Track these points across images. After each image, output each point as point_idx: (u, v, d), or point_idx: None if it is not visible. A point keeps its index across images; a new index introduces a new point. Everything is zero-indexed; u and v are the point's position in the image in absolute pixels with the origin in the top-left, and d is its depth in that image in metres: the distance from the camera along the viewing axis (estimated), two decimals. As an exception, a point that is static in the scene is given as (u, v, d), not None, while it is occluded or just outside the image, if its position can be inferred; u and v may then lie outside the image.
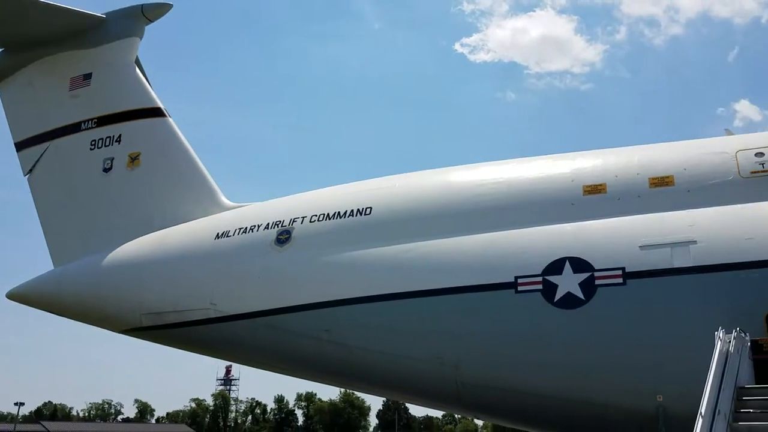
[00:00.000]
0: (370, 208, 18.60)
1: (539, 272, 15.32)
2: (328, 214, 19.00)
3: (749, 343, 12.07)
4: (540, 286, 15.17)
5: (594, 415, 14.76)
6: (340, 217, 18.77)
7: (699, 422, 9.52)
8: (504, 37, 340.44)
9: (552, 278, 15.13)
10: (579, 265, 15.04)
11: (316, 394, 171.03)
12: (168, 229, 21.63)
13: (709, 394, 10.12)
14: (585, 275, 14.87)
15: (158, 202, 22.52)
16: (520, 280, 15.42)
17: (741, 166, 15.42)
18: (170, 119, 23.84)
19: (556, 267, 15.22)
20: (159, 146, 23.22)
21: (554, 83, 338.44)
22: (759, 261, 13.51)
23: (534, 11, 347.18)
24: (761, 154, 15.42)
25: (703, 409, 9.72)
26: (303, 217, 19.26)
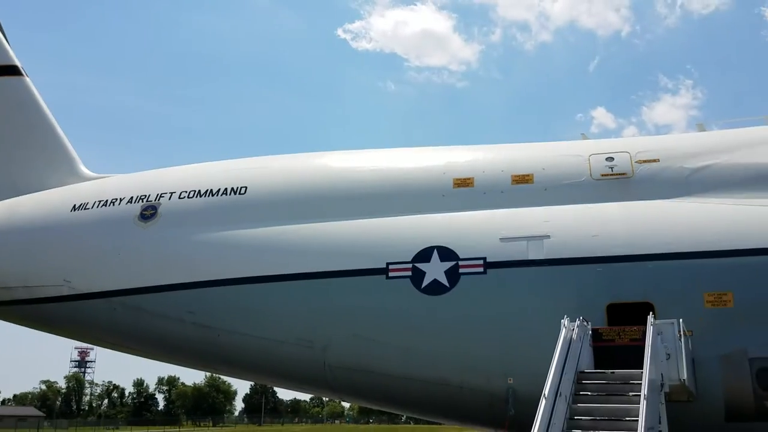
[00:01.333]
0: (245, 187, 18.19)
1: (409, 259, 15.80)
2: (199, 191, 18.34)
3: (590, 331, 13.21)
4: (409, 273, 15.65)
5: (449, 395, 15.51)
6: (213, 195, 18.19)
7: (542, 403, 10.32)
8: (386, 27, 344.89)
9: (421, 265, 15.66)
10: (446, 253, 15.68)
11: (179, 378, 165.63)
12: (20, 197, 19.93)
13: (553, 377, 10.99)
14: (451, 264, 15.54)
15: (8, 166, 20.67)
16: (391, 267, 15.82)
17: (593, 169, 16.80)
18: (27, 79, 21.92)
19: (425, 255, 15.76)
20: (12, 106, 21.34)
21: (433, 78, 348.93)
22: (603, 257, 14.81)
23: (415, 5, 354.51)
24: (611, 159, 16.88)
25: (546, 391, 10.55)
26: (171, 193, 18.44)
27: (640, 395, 10.36)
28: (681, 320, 12.53)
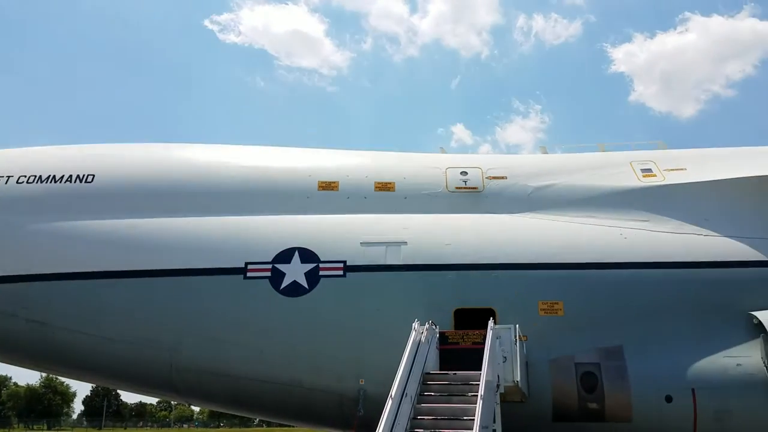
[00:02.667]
0: (93, 175, 17.05)
1: (269, 260, 15.64)
2: (40, 177, 16.91)
3: (438, 335, 13.90)
4: (269, 274, 15.50)
5: (302, 397, 15.55)
6: (56, 182, 16.85)
7: (388, 404, 10.68)
8: (256, 22, 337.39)
9: (281, 266, 15.57)
10: (307, 255, 15.73)
11: (10, 378, 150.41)
12: None
13: (400, 378, 11.42)
14: (311, 266, 15.62)
15: None
16: (250, 266, 15.57)
17: (449, 182, 17.73)
18: None
19: (285, 256, 15.70)
20: None
21: (303, 79, 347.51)
22: (454, 264, 15.65)
23: (287, 4, 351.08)
24: (465, 173, 17.92)
25: (393, 391, 10.94)
26: (8, 177, 16.85)
27: (477, 395, 11.06)
28: (517, 326, 13.51)
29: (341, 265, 15.67)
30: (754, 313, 14.28)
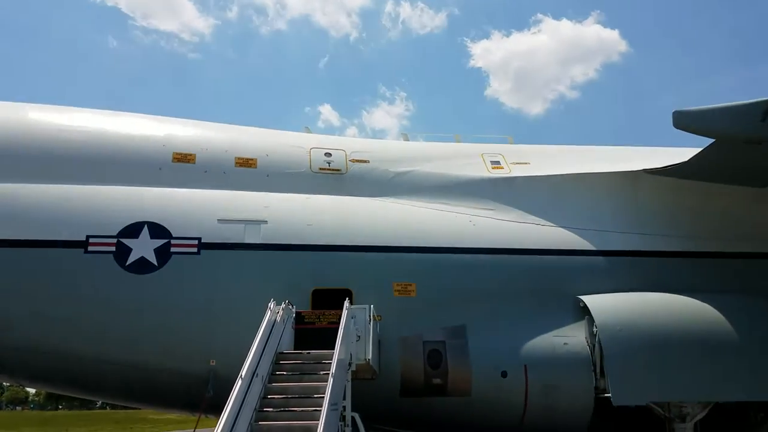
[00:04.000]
0: None
1: (114, 234, 14.74)
2: None
3: (294, 314, 13.96)
4: (113, 248, 14.61)
5: (147, 378, 14.94)
6: None
7: (238, 383, 10.60)
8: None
9: (127, 241, 14.74)
10: (157, 230, 15.01)
11: None
12: None
13: (252, 358, 11.37)
14: (162, 242, 14.93)
15: None
16: (92, 240, 14.58)
17: (312, 162, 17.75)
18: None
19: (133, 230, 14.87)
20: None
21: (161, 43, 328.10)
22: (313, 245, 15.74)
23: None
24: (329, 155, 18.03)
25: (243, 371, 10.86)
26: None
27: (329, 374, 11.31)
28: (372, 306, 13.96)
29: (195, 242, 15.16)
30: (581, 297, 15.84)
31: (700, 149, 14.73)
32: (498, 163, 18.66)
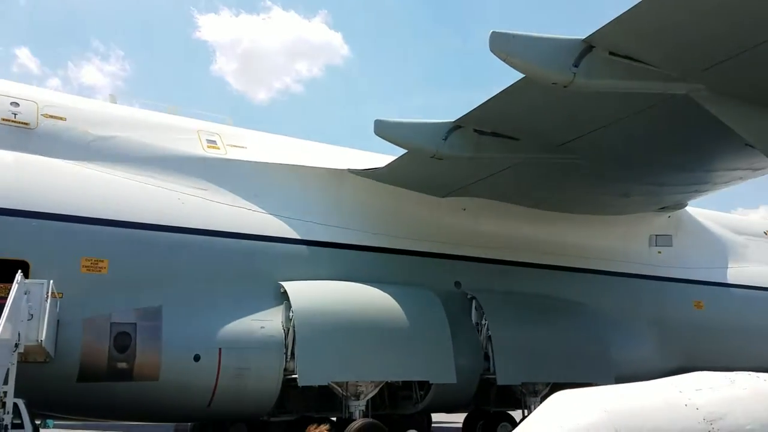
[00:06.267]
0: None
1: None
2: None
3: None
4: None
5: None
6: None
7: None
8: None
9: None
10: None
11: None
12: None
13: None
14: None
15: None
16: None
17: None
18: None
19: None
20: None
21: None
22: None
23: None
24: (17, 104, 15.60)
25: None
26: None
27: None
28: (51, 282, 12.47)
29: None
30: (282, 282, 16.36)
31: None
32: (214, 143, 18.24)
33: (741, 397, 7.61)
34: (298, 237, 17.38)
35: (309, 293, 16.09)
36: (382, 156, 18.75)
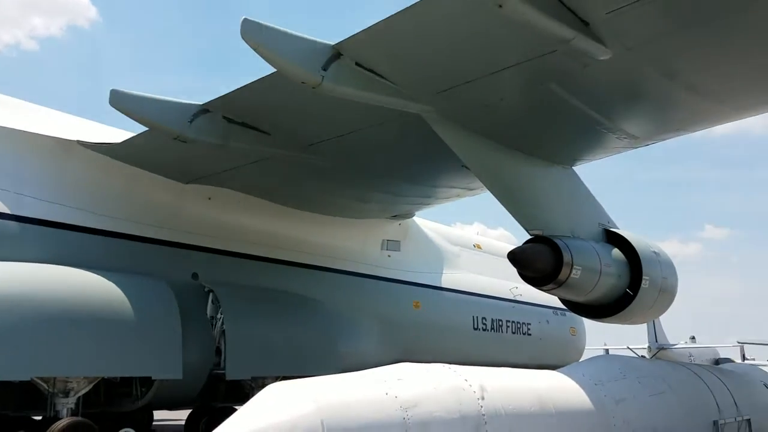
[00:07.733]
0: None
1: None
2: None
3: None
4: None
5: None
6: None
7: None
8: None
9: None
10: None
11: None
12: None
13: None
14: None
15: None
16: None
17: None
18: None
19: None
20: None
21: None
22: None
23: None
24: None
25: None
26: None
27: None
28: None
29: None
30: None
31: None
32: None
33: (434, 386, 8.54)
34: (7, 211, 15.04)
35: (10, 276, 13.93)
36: (123, 132, 17.20)
